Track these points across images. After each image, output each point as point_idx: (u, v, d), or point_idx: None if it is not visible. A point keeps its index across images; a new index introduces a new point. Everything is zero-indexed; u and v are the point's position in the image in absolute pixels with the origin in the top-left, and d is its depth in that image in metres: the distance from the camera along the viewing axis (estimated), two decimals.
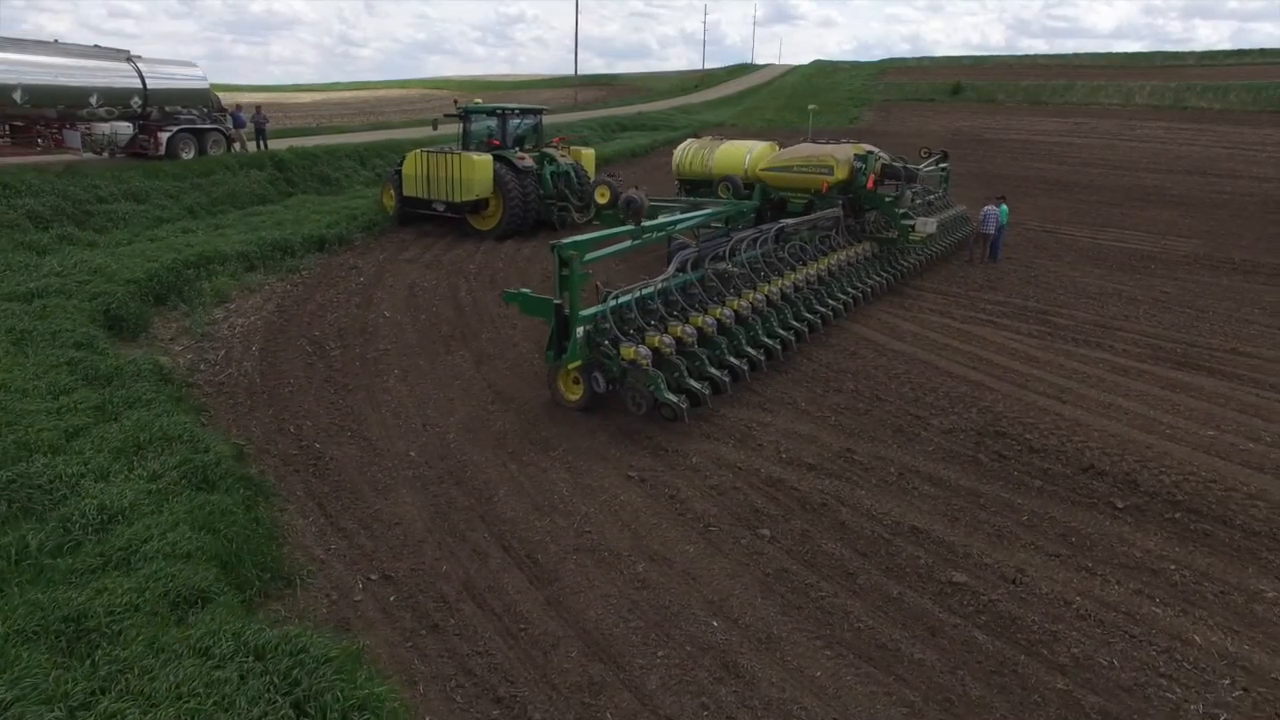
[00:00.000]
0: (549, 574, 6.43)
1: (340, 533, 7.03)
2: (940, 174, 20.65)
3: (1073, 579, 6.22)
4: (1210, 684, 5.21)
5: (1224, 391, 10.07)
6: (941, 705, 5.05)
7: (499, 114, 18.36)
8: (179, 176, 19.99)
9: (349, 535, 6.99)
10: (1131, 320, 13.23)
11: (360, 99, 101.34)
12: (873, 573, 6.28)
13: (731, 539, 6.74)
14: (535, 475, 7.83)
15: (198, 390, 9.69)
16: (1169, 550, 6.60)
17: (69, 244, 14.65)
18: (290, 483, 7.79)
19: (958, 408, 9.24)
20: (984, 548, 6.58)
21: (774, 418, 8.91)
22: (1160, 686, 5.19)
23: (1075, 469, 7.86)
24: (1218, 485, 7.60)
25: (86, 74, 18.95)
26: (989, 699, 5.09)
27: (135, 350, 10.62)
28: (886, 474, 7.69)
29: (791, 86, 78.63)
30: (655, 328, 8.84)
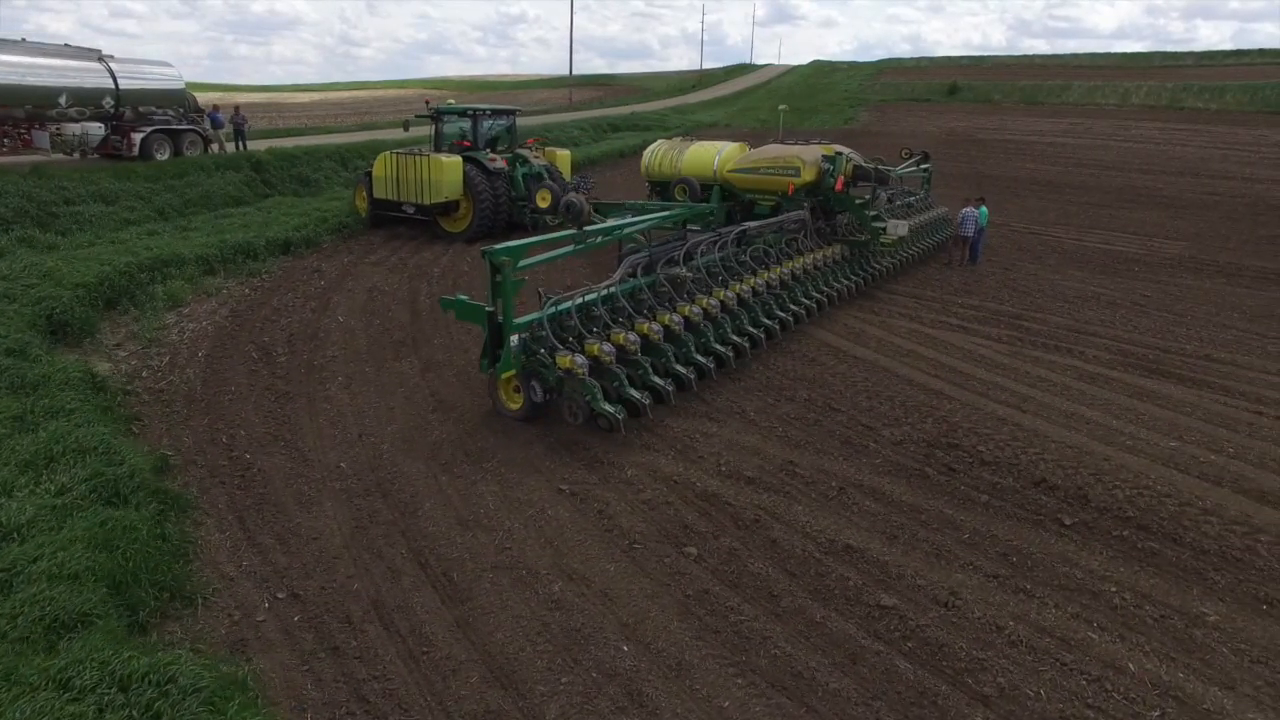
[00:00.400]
0: (462, 593, 6.17)
1: (256, 548, 6.77)
2: (922, 175, 20.35)
3: (1008, 602, 5.93)
4: (1139, 716, 4.92)
5: (1192, 400, 9.77)
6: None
7: (470, 115, 18.09)
8: (151, 178, 19.75)
9: (264, 551, 6.74)
10: (1107, 325, 12.93)
11: (358, 99, 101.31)
12: (798, 595, 6.00)
13: (656, 557, 6.47)
14: (464, 488, 7.57)
15: (134, 398, 9.44)
16: (1113, 570, 6.30)
17: (28, 246, 14.43)
18: (214, 495, 7.54)
19: (912, 418, 8.95)
20: (920, 568, 6.29)
21: (719, 428, 8.62)
22: (1086, 719, 4.90)
23: (1026, 483, 7.57)
24: (1172, 500, 7.31)
25: (55, 73, 18.74)
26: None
27: (76, 357, 10.39)
28: (827, 488, 7.41)
29: (788, 87, 78.33)
30: (597, 335, 8.57)
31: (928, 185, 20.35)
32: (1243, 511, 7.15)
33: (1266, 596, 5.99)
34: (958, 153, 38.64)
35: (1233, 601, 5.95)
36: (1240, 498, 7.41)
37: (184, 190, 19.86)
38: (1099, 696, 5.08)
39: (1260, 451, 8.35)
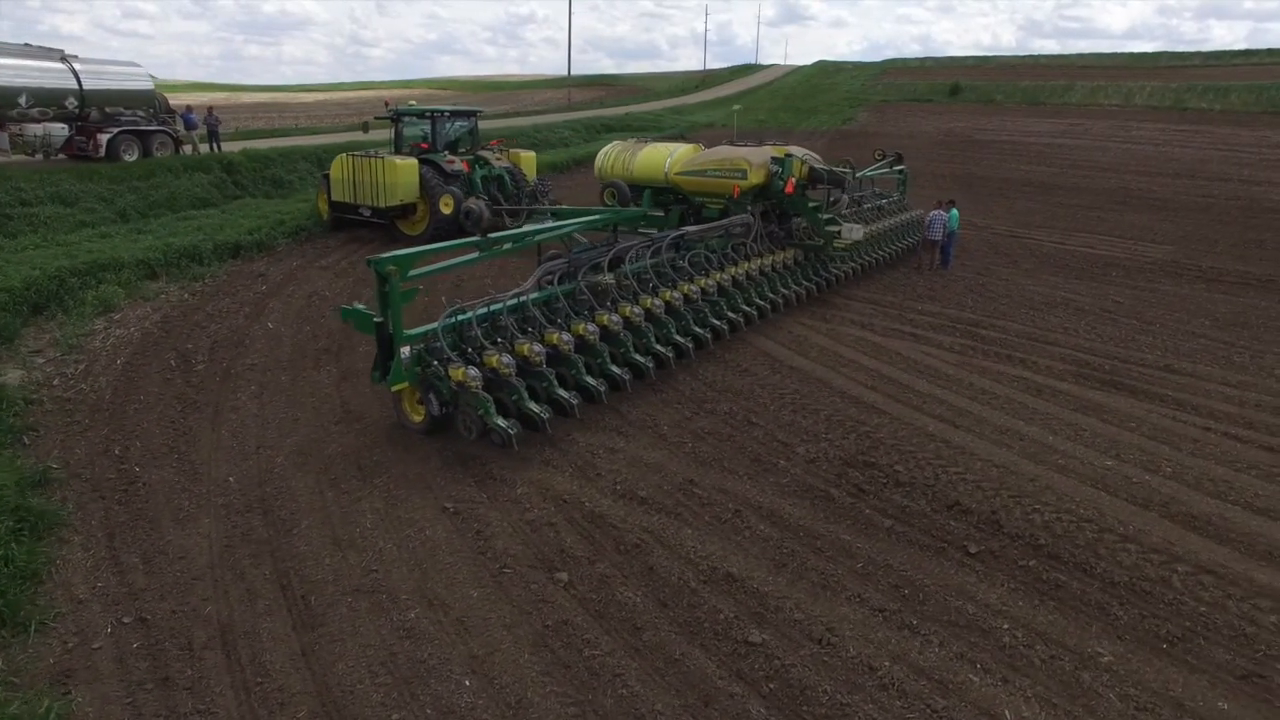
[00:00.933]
0: (316, 618, 5.83)
1: (116, 569, 6.46)
2: (897, 177, 19.90)
3: (890, 639, 5.51)
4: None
5: (1140, 414, 9.30)
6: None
7: (430, 116, 17.78)
8: (116, 179, 19.61)
9: (125, 571, 6.42)
10: (1069, 333, 12.45)
11: (363, 99, 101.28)
12: (663, 628, 5.61)
13: (524, 583, 6.09)
14: (347, 505, 7.22)
15: (37, 407, 9.17)
16: (1010, 605, 5.87)
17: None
18: (90, 511, 7.24)
19: (834, 433, 8.53)
20: (802, 600, 5.89)
21: (627, 443, 8.24)
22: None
23: (938, 506, 7.14)
24: (1092, 526, 6.87)
25: (13, 73, 18.61)
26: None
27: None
28: (723, 510, 7.01)
29: (790, 87, 77.80)
30: (500, 346, 8.21)
31: (903, 187, 19.89)
32: (1165, 539, 6.70)
33: (1169, 635, 5.55)
34: (952, 154, 38.07)
35: (1132, 640, 5.51)
36: (1166, 523, 6.96)
37: (148, 192, 19.69)
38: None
39: (1199, 472, 7.89)
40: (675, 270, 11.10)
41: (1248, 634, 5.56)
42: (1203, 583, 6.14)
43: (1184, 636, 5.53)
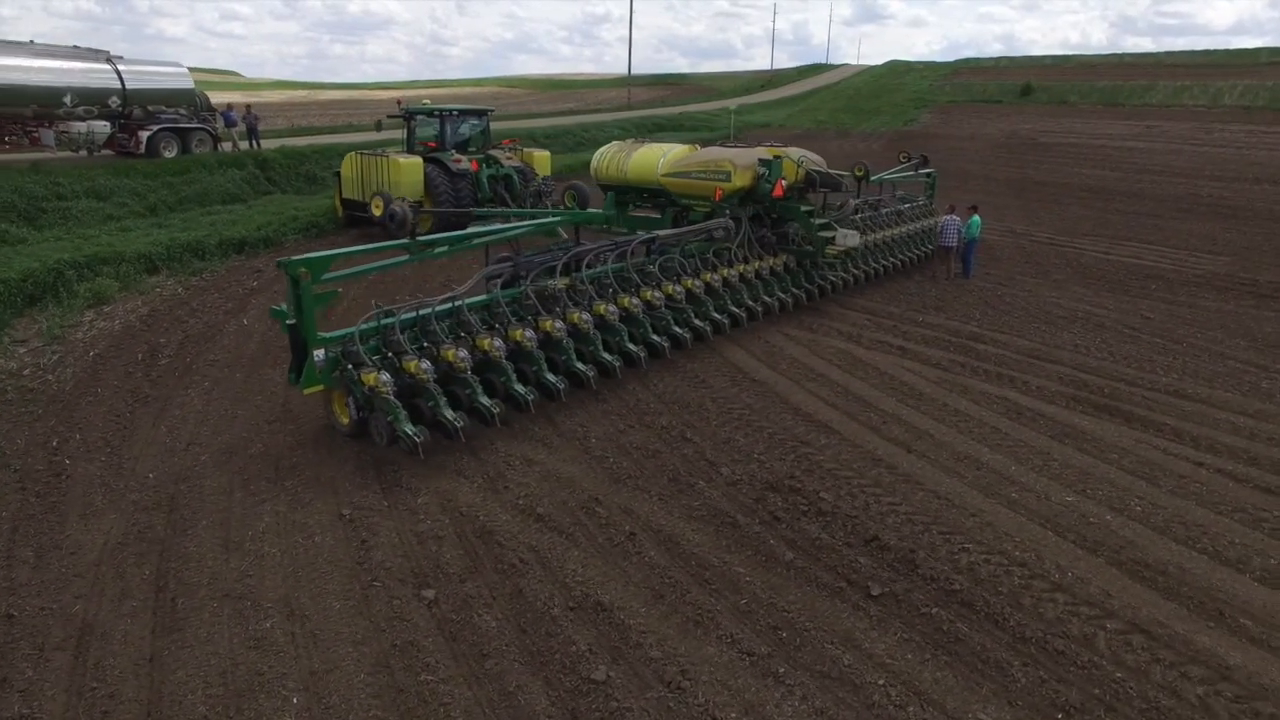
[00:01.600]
0: (177, 622, 5.72)
1: (6, 561, 6.50)
2: (925, 181, 18.96)
3: (748, 687, 5.04)
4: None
5: (1127, 444, 8.45)
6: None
7: (439, 116, 17.82)
8: (151, 175, 20.36)
9: (14, 565, 6.46)
10: (1078, 351, 11.52)
11: (433, 96, 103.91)
12: (510, 657, 5.27)
13: (389, 598, 5.85)
14: (250, 507, 7.12)
15: (31, 376, 9.46)
16: (897, 657, 5.30)
17: (4, 243, 14.89)
18: (6, 501, 7.34)
19: (770, 453, 8.00)
20: (668, 635, 5.46)
21: (548, 455, 7.92)
22: None
23: (855, 540, 6.57)
24: (1024, 570, 6.20)
25: (60, 74, 19.51)
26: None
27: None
28: (618, 533, 6.61)
29: (856, 87, 75.84)
30: (425, 351, 8.00)
31: (931, 191, 18.94)
32: (1104, 590, 5.98)
33: (1067, 703, 4.89)
34: (1011, 157, 36.38)
35: (1022, 708, 4.88)
36: (1111, 571, 6.23)
37: (181, 188, 20.37)
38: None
39: (1172, 513, 7.07)
40: (643, 275, 10.72)
41: (1162, 708, 4.86)
42: (1131, 643, 5.43)
43: (1084, 707, 4.87)
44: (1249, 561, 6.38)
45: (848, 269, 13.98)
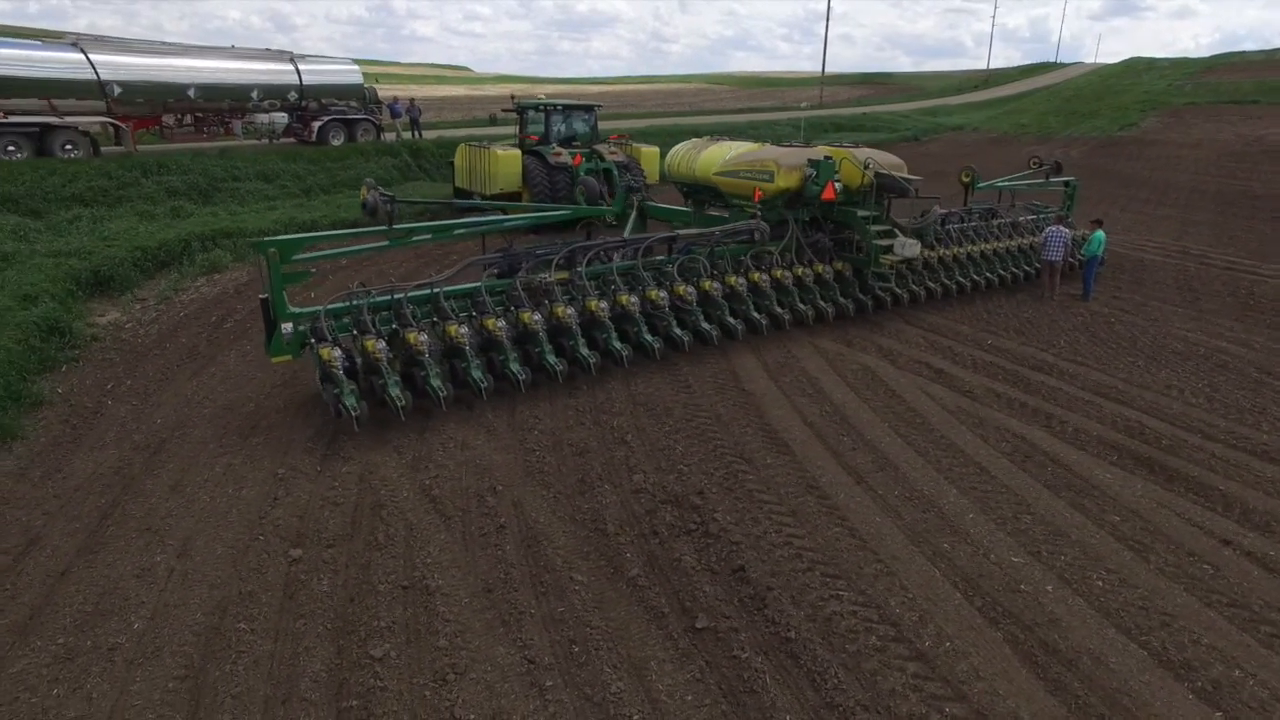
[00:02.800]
0: (97, 547, 6.48)
1: (18, 479, 7.69)
2: (1063, 190, 16.86)
3: (506, 694, 4.89)
4: None
5: (1143, 506, 7.14)
6: None
7: (543, 111, 18.45)
8: (314, 160, 22.94)
9: (21, 482, 7.61)
10: (1164, 393, 9.86)
11: (636, 92, 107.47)
12: (320, 620, 5.48)
13: (262, 551, 6.27)
14: (212, 457, 7.90)
15: (97, 343, 11.16)
16: (675, 698, 4.87)
17: (178, 216, 17.49)
18: (44, 428, 8.66)
19: (698, 466, 7.59)
20: (469, 629, 5.41)
21: (485, 442, 8.06)
22: None
23: (722, 568, 6.09)
24: (890, 630, 5.46)
25: (249, 74, 22.48)
26: None
27: (109, 306, 12.60)
28: (490, 524, 6.61)
29: (1078, 88, 68.42)
30: (381, 332, 8.46)
31: (1070, 202, 16.79)
32: (975, 669, 5.12)
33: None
34: (1238, 167, 31.39)
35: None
36: (1003, 649, 5.31)
37: (337, 172, 22.76)
38: None
39: (1141, 595, 5.90)
40: (659, 274, 10.55)
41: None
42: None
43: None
44: (1201, 670, 5.17)
45: (909, 283, 12.80)
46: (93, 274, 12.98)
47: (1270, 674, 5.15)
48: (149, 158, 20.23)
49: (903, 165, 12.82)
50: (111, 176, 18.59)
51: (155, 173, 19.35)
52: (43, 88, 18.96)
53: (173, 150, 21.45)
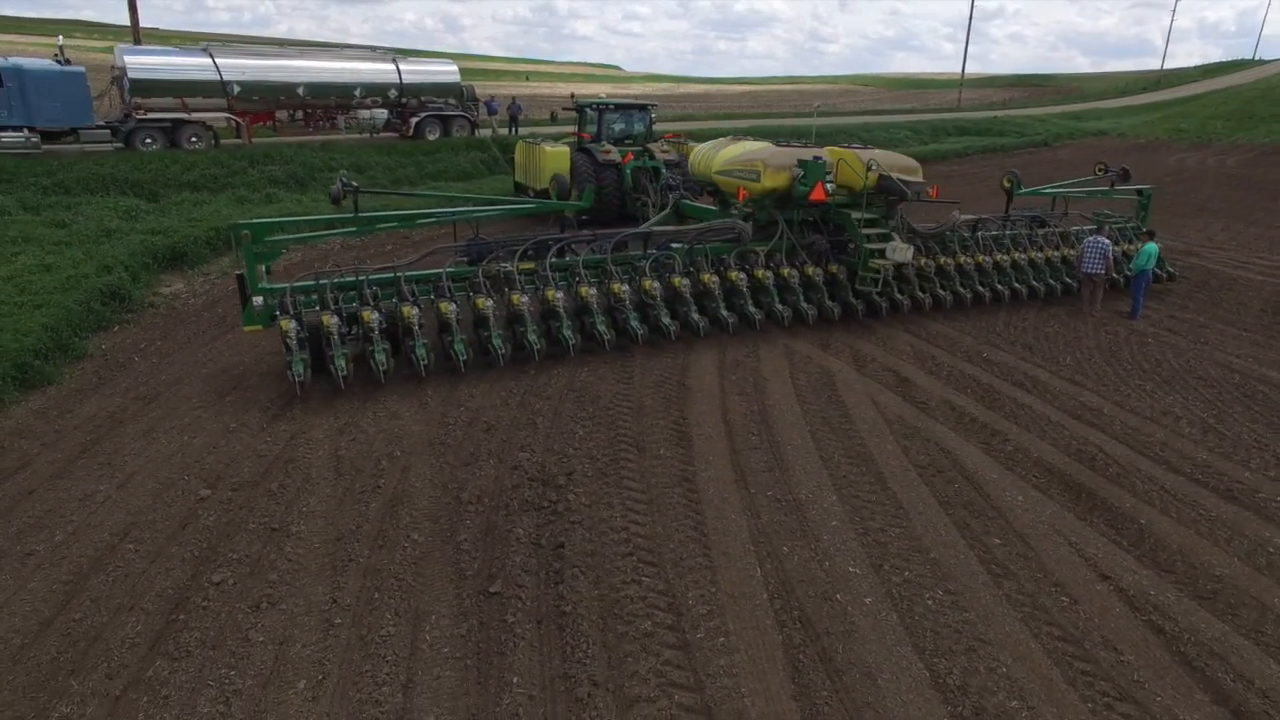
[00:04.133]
0: (63, 475, 7.57)
1: (40, 416, 9.08)
2: (1137, 200, 15.58)
3: (216, 627, 5.44)
4: None
5: (1027, 527, 6.74)
6: None
7: (597, 110, 18.98)
8: (406, 153, 24.69)
9: (40, 417, 8.96)
10: (1153, 420, 9.20)
11: (777, 92, 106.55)
12: (165, 552, 6.27)
13: (180, 489, 7.15)
14: (190, 410, 8.94)
15: (152, 309, 12.80)
16: (425, 654, 5.27)
17: (269, 202, 19.50)
18: (76, 376, 10.07)
19: (586, 452, 7.87)
20: (288, 582, 6.01)
21: (414, 413, 8.70)
22: None
23: (547, 542, 6.37)
24: (668, 615, 5.56)
25: (352, 73, 24.52)
26: None
27: (176, 278, 14.37)
28: (367, 486, 7.21)
29: (1264, 90, 60.96)
30: (341, 310, 9.27)
31: (1144, 212, 15.48)
32: (729, 665, 5.15)
33: None
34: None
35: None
36: (774, 654, 5.30)
37: (426, 164, 24.39)
38: None
39: (973, 618, 5.69)
40: (631, 269, 10.85)
41: None
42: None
43: None
44: (976, 697, 4.96)
45: (915, 289, 12.30)
46: (170, 250, 14.79)
47: (1051, 709, 4.85)
48: (259, 149, 22.59)
49: (915, 169, 12.38)
50: (223, 165, 20.93)
51: (261, 163, 21.57)
52: (177, 89, 21.65)
53: (281, 143, 23.78)
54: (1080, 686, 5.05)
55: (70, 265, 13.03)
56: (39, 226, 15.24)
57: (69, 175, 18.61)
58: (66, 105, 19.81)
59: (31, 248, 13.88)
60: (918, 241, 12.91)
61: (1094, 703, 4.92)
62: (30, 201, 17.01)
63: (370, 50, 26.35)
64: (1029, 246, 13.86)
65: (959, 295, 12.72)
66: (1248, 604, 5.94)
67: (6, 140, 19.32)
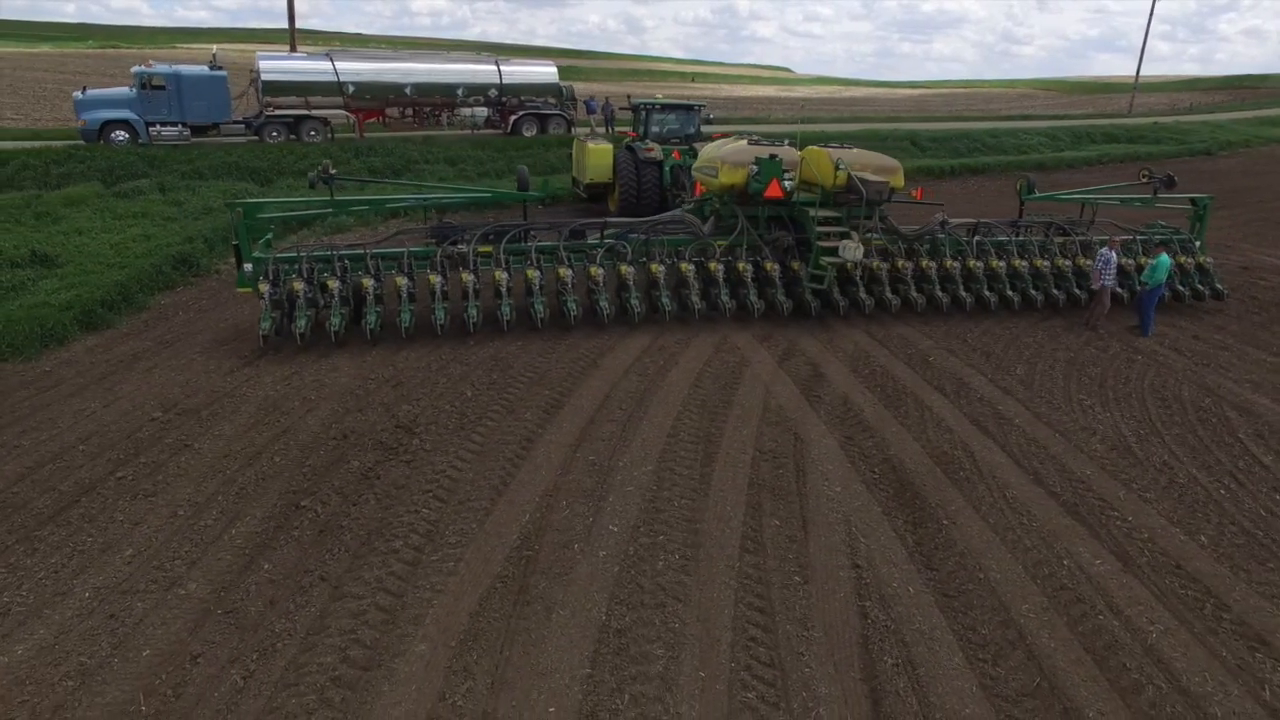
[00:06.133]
0: (53, 400, 9.66)
1: (70, 352, 11.35)
2: (1192, 211, 14.39)
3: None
4: None
5: (801, 515, 6.99)
6: None
7: (644, 109, 19.75)
8: (499, 149, 26.65)
9: (65, 349, 11.24)
10: (1050, 425, 8.90)
11: (944, 96, 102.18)
12: (95, 474, 7.90)
13: (121, 414, 8.89)
14: (185, 360, 10.75)
15: (217, 275, 15.11)
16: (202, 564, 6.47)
17: (360, 190, 21.97)
18: (115, 325, 12.26)
19: (460, 409, 8.86)
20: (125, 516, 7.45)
21: (349, 370, 10.00)
22: None
23: (372, 474, 7.42)
24: (422, 539, 6.44)
25: (455, 74, 26.80)
26: None
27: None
28: (267, 438, 8.54)
29: None
30: (310, 278, 10.80)
31: (1199, 224, 14.28)
32: (447, 571, 5.97)
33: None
34: None
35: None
36: (491, 569, 6.04)
37: (516, 159, 26.14)
38: None
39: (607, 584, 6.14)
40: (585, 256, 11.69)
41: None
42: None
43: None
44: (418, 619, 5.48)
45: (870, 290, 12.19)
46: (249, 227, 17.19)
47: (694, 661, 5.27)
48: (366, 143, 25.32)
49: (894, 170, 12.28)
50: (331, 156, 23.56)
51: (364, 154, 24.22)
52: (301, 89, 24.81)
53: (388, 137, 26.47)
54: (736, 652, 5.39)
55: (165, 236, 15.65)
56: (160, 204, 18.25)
57: (204, 163, 21.93)
58: (211, 104, 23.35)
59: (144, 221, 16.74)
60: (899, 244, 12.77)
61: (741, 673, 5.26)
62: (167, 184, 20.28)
63: (476, 53, 28.58)
64: (1036, 254, 13.21)
65: (935, 299, 12.42)
66: (982, 608, 5.95)
67: (166, 134, 23.06)
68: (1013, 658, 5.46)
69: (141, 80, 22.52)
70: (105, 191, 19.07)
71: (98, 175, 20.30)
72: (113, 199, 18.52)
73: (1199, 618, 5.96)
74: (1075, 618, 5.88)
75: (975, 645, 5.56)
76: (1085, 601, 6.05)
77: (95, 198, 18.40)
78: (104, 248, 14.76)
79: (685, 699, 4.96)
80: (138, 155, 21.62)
